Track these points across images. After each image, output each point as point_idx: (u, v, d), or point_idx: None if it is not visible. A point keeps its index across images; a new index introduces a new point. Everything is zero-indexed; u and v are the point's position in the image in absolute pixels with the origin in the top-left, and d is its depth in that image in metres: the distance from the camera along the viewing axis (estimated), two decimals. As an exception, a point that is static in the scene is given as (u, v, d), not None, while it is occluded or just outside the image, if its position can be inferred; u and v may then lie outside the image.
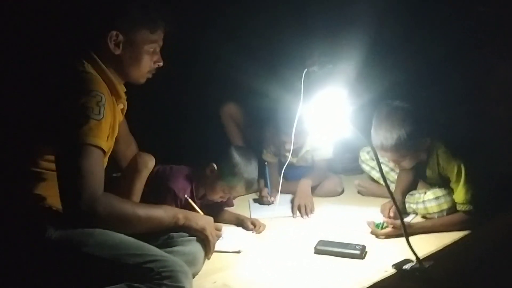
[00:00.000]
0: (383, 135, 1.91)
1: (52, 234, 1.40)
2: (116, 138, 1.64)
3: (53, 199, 1.46)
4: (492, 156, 2.12)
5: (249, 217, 2.14)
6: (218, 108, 2.63)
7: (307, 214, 2.20)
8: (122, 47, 1.56)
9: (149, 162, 1.84)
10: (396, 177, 2.29)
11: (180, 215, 1.64)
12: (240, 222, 2.07)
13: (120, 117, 1.65)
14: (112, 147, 1.60)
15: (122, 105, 1.67)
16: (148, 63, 1.63)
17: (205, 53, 2.68)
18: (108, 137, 1.50)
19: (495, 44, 2.63)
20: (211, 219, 1.76)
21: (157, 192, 1.87)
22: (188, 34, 2.47)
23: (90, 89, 1.44)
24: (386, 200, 2.19)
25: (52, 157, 1.45)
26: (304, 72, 1.84)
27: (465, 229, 1.94)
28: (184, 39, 2.40)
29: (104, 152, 1.46)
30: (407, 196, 2.18)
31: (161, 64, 1.67)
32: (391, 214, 2.06)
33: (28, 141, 1.51)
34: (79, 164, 1.38)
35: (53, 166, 1.45)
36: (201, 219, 1.71)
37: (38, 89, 1.56)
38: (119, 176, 1.89)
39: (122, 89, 1.64)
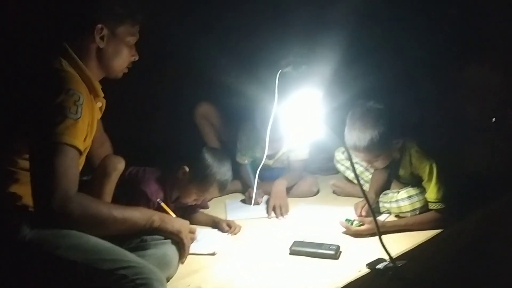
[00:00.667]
0: (356, 135, 1.93)
1: (27, 234, 1.37)
2: None
3: (29, 198, 1.42)
4: (462, 156, 2.17)
5: (225, 218, 2.13)
6: (192, 107, 2.59)
7: (282, 215, 2.20)
8: (106, 41, 1.55)
9: (118, 165, 1.79)
10: (370, 176, 2.32)
11: (156, 217, 1.62)
12: (215, 224, 2.06)
13: (98, 115, 1.64)
14: (88, 147, 1.58)
15: (101, 103, 1.65)
16: (127, 56, 1.64)
17: (180, 50, 2.65)
18: (86, 136, 1.48)
19: (465, 48, 2.69)
20: (186, 222, 1.74)
21: (130, 195, 1.84)
22: (163, 32, 2.45)
23: (68, 87, 1.42)
24: (360, 199, 2.21)
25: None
26: (279, 73, 1.84)
27: (437, 228, 1.98)
28: (159, 36, 2.37)
29: (80, 152, 1.43)
30: (381, 195, 2.21)
31: (136, 58, 1.68)
32: (363, 213, 2.08)
33: (4, 139, 1.48)
34: (53, 163, 1.35)
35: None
36: (176, 221, 1.70)
37: (15, 87, 1.53)
38: (89, 179, 1.86)
39: (99, 87, 1.61)
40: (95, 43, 1.54)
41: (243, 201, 2.40)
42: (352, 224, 1.97)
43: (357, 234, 1.96)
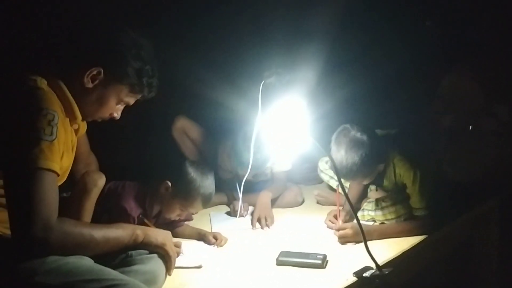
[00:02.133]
0: (339, 163, 1.93)
1: (1, 263, 1.31)
2: (75, 158, 1.57)
3: (2, 225, 1.38)
4: (441, 164, 2.21)
5: (210, 231, 2.11)
6: (171, 119, 2.54)
7: (267, 226, 2.19)
8: (94, 85, 1.48)
9: (99, 181, 1.73)
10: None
11: (139, 231, 1.59)
12: (201, 236, 2.03)
13: (73, 138, 1.57)
14: (68, 168, 1.53)
15: (77, 126, 1.58)
16: (106, 112, 1.57)
17: (160, 63, 2.64)
18: (62, 156, 1.41)
19: (443, 57, 2.75)
20: (169, 233, 1.72)
21: (110, 211, 1.80)
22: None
23: (41, 107, 1.35)
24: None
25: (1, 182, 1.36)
26: (262, 84, 1.84)
27: (422, 234, 1.99)
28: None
29: (58, 174, 1.37)
30: (365, 203, 2.22)
31: (117, 117, 1.61)
32: (339, 222, 2.09)
33: None
34: (30, 191, 1.28)
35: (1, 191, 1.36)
36: (160, 234, 1.67)
37: None
38: (68, 195, 1.82)
39: (77, 109, 1.52)
40: (83, 79, 1.47)
41: (228, 213, 2.38)
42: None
43: (342, 239, 1.96)
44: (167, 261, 1.63)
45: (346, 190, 2.28)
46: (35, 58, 1.53)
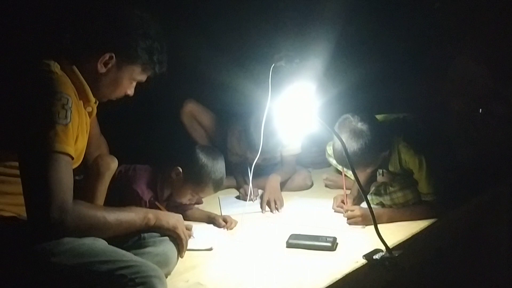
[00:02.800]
0: (339, 153, 1.94)
1: (18, 245, 1.33)
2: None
3: (16, 207, 1.39)
4: (451, 148, 2.20)
5: (219, 214, 2.12)
6: (180, 103, 2.54)
7: (277, 209, 2.20)
8: (108, 69, 1.50)
9: (111, 164, 1.76)
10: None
11: (151, 215, 1.60)
12: (211, 219, 2.05)
13: (87, 121, 1.58)
14: (83, 152, 1.54)
15: (91, 108, 1.58)
16: (121, 91, 1.59)
17: (170, 46, 2.61)
18: (77, 140, 1.43)
19: (451, 41, 2.73)
20: (180, 216, 1.73)
21: (121, 194, 1.81)
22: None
23: (55, 91, 1.35)
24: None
25: (12, 163, 1.37)
26: (272, 67, 1.83)
27: (431, 218, 1.99)
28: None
29: (72, 158, 1.38)
30: (373, 188, 2.23)
31: (131, 94, 1.62)
32: (348, 205, 2.10)
33: None
34: (46, 174, 1.29)
35: (13, 172, 1.37)
36: (171, 217, 1.68)
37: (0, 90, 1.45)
38: (81, 179, 1.83)
39: (90, 92, 1.53)
40: (96, 64, 1.48)
41: (237, 197, 2.40)
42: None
43: (351, 220, 1.97)
44: (179, 243, 1.65)
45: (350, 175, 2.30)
46: (47, 46, 1.52)
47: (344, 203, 2.13)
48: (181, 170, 1.90)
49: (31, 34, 1.73)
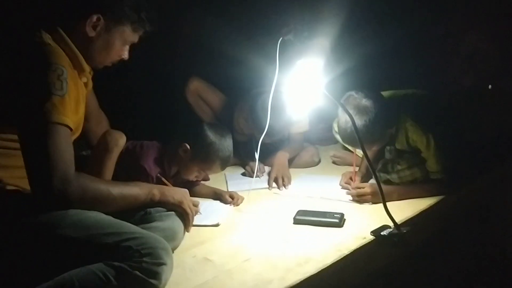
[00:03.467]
0: (343, 131, 1.93)
1: (23, 218, 1.33)
2: (85, 115, 1.57)
3: (17, 180, 1.39)
4: (460, 125, 2.17)
5: (226, 190, 2.12)
6: (186, 78, 2.49)
7: (284, 185, 2.19)
8: (97, 32, 1.49)
9: (120, 140, 1.75)
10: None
11: (156, 190, 1.61)
12: (217, 195, 2.05)
13: (84, 91, 1.57)
14: (81, 124, 1.53)
15: (86, 79, 1.59)
16: (115, 55, 1.58)
17: (176, 18, 2.56)
18: (73, 111, 1.42)
19: (460, 18, 2.67)
20: (186, 191, 1.73)
21: (128, 170, 1.80)
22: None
23: (50, 62, 1.36)
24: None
25: (10, 136, 1.38)
26: (279, 41, 1.80)
27: (439, 195, 1.98)
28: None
29: (71, 129, 1.38)
30: (380, 167, 2.21)
31: (126, 58, 1.62)
32: (355, 182, 2.09)
33: None
34: (46, 145, 1.30)
35: (12, 145, 1.37)
36: (177, 192, 1.68)
37: None
38: (88, 154, 1.82)
39: (84, 62, 1.54)
40: (85, 29, 1.48)
41: (243, 174, 2.39)
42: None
43: (360, 198, 1.96)
44: (185, 218, 1.66)
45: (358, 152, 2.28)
46: (35, 14, 1.53)
47: (352, 180, 2.12)
48: (188, 147, 1.88)
49: (18, 6, 1.71)
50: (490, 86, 2.62)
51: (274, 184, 2.21)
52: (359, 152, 2.27)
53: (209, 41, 2.43)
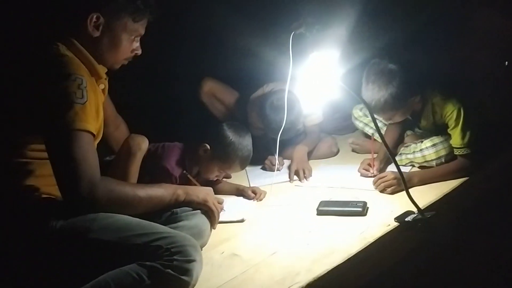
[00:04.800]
0: (370, 97, 1.92)
1: (55, 224, 1.38)
2: (104, 120, 1.61)
3: (49, 188, 1.44)
4: (481, 101, 2.15)
5: (248, 186, 2.14)
6: (200, 74, 2.49)
7: (305, 178, 2.21)
8: (101, 31, 1.52)
9: (143, 144, 1.80)
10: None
11: (180, 191, 1.64)
12: (240, 192, 2.07)
13: (102, 98, 1.61)
14: (101, 129, 1.57)
15: (103, 85, 1.63)
16: (126, 51, 1.60)
17: (190, 13, 2.56)
18: (94, 117, 1.46)
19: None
20: (210, 189, 1.77)
21: (151, 171, 1.84)
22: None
23: (69, 72, 1.40)
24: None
25: (37, 146, 1.43)
26: (291, 35, 1.81)
27: (463, 176, 1.98)
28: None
29: (94, 135, 1.43)
30: (402, 148, 2.21)
31: (139, 53, 1.64)
32: (374, 170, 2.09)
33: (10, 133, 1.46)
34: (71, 152, 1.35)
35: (40, 155, 1.43)
36: (201, 191, 1.71)
37: (15, 78, 1.50)
38: (112, 159, 1.87)
39: (102, 69, 1.59)
40: (89, 31, 1.50)
41: (262, 168, 2.41)
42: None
43: (384, 186, 1.94)
44: (211, 216, 1.69)
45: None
46: (47, 28, 1.56)
47: (370, 166, 2.12)
48: (208, 147, 1.91)
49: (28, 20, 1.76)
50: (506, 63, 2.57)
51: (295, 177, 2.22)
52: (377, 137, 2.27)
53: (220, 33, 2.42)
